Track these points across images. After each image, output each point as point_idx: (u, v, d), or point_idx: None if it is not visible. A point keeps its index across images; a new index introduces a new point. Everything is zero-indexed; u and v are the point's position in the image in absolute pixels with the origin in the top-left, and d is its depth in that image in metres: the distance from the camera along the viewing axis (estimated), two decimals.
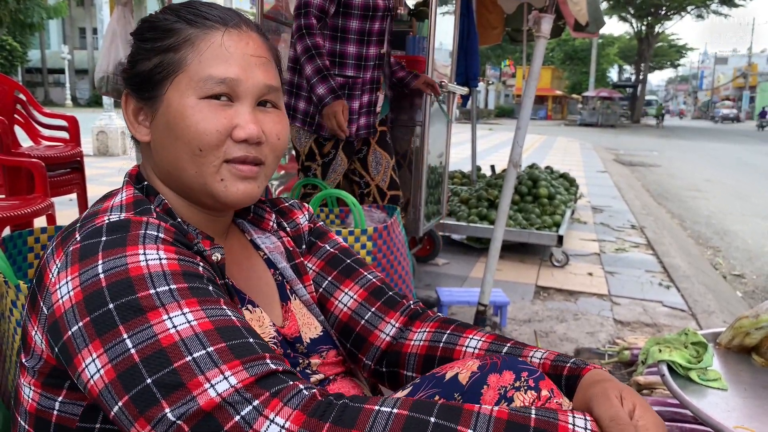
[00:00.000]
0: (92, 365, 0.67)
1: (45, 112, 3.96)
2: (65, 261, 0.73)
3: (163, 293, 0.70)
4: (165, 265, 0.72)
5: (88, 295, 0.69)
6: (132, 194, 0.84)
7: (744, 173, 11.79)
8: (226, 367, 0.66)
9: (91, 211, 0.82)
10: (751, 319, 1.36)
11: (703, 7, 34.43)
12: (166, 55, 0.84)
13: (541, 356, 0.89)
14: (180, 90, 0.83)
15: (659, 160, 13.95)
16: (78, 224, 0.78)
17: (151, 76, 0.85)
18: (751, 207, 7.73)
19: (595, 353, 2.58)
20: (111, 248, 0.72)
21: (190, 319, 0.69)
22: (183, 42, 0.84)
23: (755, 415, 1.13)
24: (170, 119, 0.84)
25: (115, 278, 0.70)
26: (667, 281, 3.82)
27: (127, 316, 0.68)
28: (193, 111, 0.83)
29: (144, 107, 0.87)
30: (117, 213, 0.79)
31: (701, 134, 28.46)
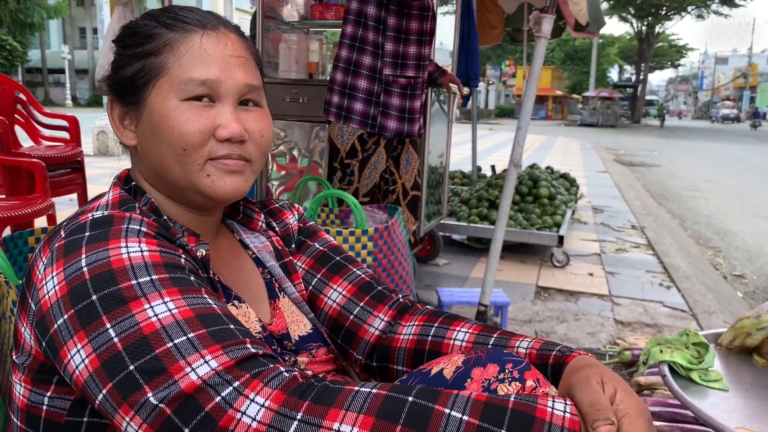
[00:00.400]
0: (77, 356, 0.69)
1: (45, 112, 3.96)
2: (51, 257, 0.75)
3: (145, 284, 0.71)
4: (146, 256, 0.74)
5: (72, 288, 0.71)
6: (118, 194, 0.86)
7: (744, 173, 11.79)
8: (207, 351, 0.67)
9: (78, 211, 0.84)
10: (752, 319, 1.36)
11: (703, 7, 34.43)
12: (147, 60, 0.86)
13: (527, 345, 0.88)
14: (162, 93, 0.85)
15: (659, 160, 13.95)
16: (64, 223, 0.80)
17: (134, 81, 0.87)
18: (751, 207, 7.73)
19: (595, 353, 2.58)
20: (94, 242, 0.74)
21: (171, 308, 0.70)
22: (163, 46, 0.86)
23: (756, 416, 1.12)
24: (154, 122, 0.85)
25: (98, 271, 0.72)
26: (667, 281, 3.82)
27: (110, 307, 0.69)
28: (176, 113, 0.84)
29: (129, 112, 0.89)
30: (102, 211, 0.81)
31: (701, 134, 28.45)
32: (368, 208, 2.49)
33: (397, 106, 2.56)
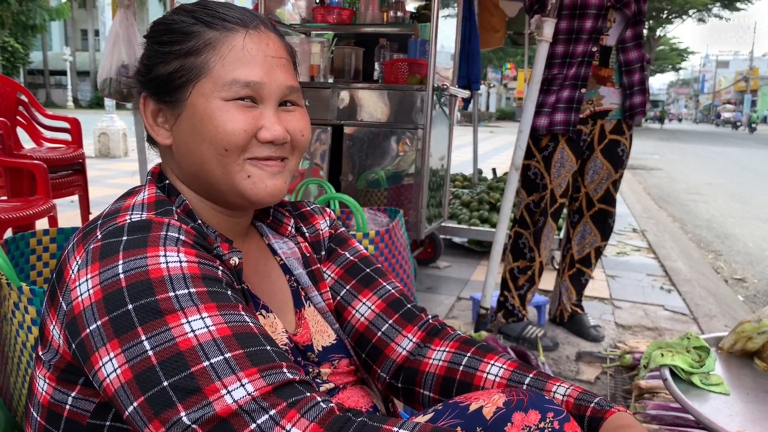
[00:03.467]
0: (109, 364, 0.68)
1: (47, 114, 3.97)
2: (86, 258, 0.73)
3: (183, 296, 0.70)
4: (185, 267, 0.72)
5: (108, 295, 0.69)
6: (154, 193, 0.84)
7: (745, 177, 11.79)
8: (244, 374, 0.66)
9: (112, 208, 0.82)
10: (753, 323, 1.36)
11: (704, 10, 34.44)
12: (187, 60, 0.84)
13: (564, 392, 0.87)
14: (205, 94, 0.83)
15: (660, 164, 13.95)
16: (99, 221, 0.78)
17: (171, 80, 0.84)
18: (752, 210, 7.73)
19: (596, 357, 2.58)
20: (132, 248, 0.72)
21: (208, 324, 0.69)
22: (204, 46, 0.84)
23: (757, 420, 1.12)
24: (196, 122, 0.84)
25: (135, 279, 0.70)
26: (668, 285, 3.82)
27: (146, 318, 0.68)
28: (221, 113, 0.83)
29: (163, 110, 0.87)
30: (138, 212, 0.79)
31: (702, 138, 28.44)
32: (369, 211, 2.50)
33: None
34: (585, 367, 2.51)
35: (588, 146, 2.66)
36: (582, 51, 2.49)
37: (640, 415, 1.89)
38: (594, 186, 2.72)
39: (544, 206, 2.67)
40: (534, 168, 2.65)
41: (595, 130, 2.64)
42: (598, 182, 2.71)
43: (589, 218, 2.78)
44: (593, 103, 2.59)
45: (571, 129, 2.55)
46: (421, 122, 3.19)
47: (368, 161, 3.35)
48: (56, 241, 1.84)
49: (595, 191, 2.73)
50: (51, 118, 3.97)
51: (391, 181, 3.36)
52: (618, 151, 2.68)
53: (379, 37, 3.67)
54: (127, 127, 10.10)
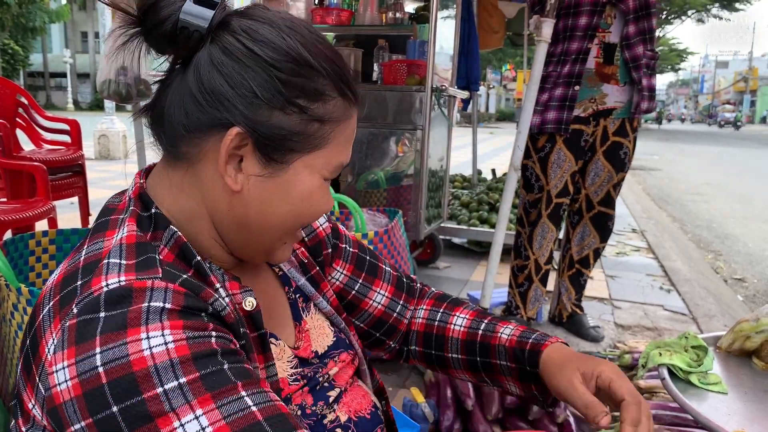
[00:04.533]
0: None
1: (47, 116, 3.97)
2: (62, 338, 0.63)
3: (172, 392, 0.61)
4: (172, 350, 0.62)
5: (88, 392, 0.61)
6: (134, 231, 0.72)
7: (744, 177, 11.79)
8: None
9: (90, 253, 0.71)
10: (751, 322, 1.36)
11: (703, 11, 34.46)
12: (311, 125, 0.73)
13: (509, 333, 0.98)
14: (313, 168, 0.75)
15: (660, 164, 13.96)
16: (79, 282, 0.67)
17: (286, 138, 0.72)
18: (752, 211, 7.73)
19: (596, 357, 2.58)
20: (110, 331, 0.62)
21: (204, 425, 0.61)
22: (331, 116, 0.74)
23: (756, 419, 1.12)
24: (291, 192, 0.75)
25: (117, 374, 0.60)
26: (668, 285, 3.82)
27: (134, 424, 0.60)
28: (320, 192, 0.77)
29: (250, 157, 0.73)
30: (116, 263, 0.68)
31: (702, 138, 28.45)
32: (368, 212, 2.50)
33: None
34: None
35: (590, 147, 2.65)
36: (577, 48, 2.49)
37: None
38: (594, 188, 2.72)
39: (540, 206, 2.67)
40: (530, 168, 2.66)
41: (598, 131, 2.63)
42: (599, 185, 2.71)
43: (588, 220, 2.79)
44: (596, 101, 2.58)
45: (564, 128, 2.54)
46: (420, 123, 3.20)
47: (367, 162, 3.36)
48: (55, 242, 1.85)
49: (595, 193, 2.73)
50: (50, 120, 3.98)
51: (391, 181, 3.37)
52: (620, 154, 2.67)
53: (378, 38, 3.67)
54: (127, 128, 10.11)
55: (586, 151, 2.65)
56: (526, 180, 2.69)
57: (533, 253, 2.74)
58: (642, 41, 2.51)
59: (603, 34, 2.51)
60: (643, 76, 2.52)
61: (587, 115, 2.58)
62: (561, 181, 2.63)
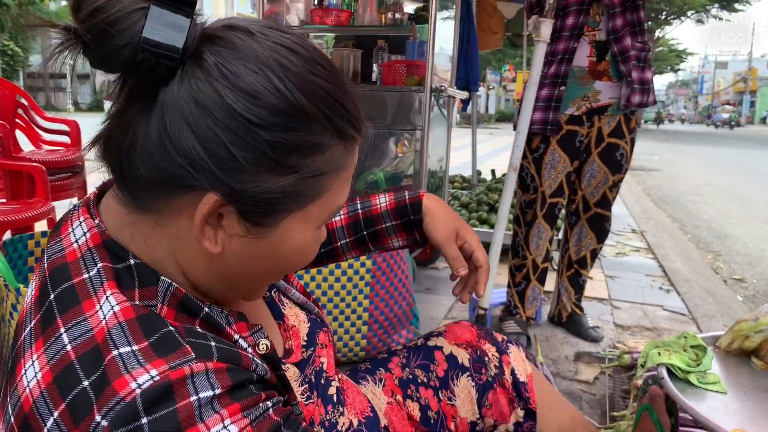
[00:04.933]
0: None
1: (46, 117, 3.97)
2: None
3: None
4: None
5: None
6: (125, 301, 0.58)
7: (744, 177, 11.79)
8: None
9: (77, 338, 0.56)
10: (750, 322, 1.36)
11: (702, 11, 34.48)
12: (305, 182, 0.61)
13: (385, 200, 1.07)
14: (307, 222, 0.65)
15: (659, 165, 13.96)
16: (86, 382, 0.53)
17: (274, 201, 0.60)
18: (752, 211, 7.73)
19: (595, 357, 2.58)
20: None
21: None
22: (330, 165, 0.62)
23: (754, 418, 1.12)
24: (284, 250, 0.65)
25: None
26: (667, 285, 3.82)
27: None
28: (310, 244, 0.67)
29: (230, 216, 0.61)
30: (130, 354, 0.54)
31: (701, 138, 28.46)
32: None
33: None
34: (584, 367, 2.51)
35: (585, 148, 2.65)
36: (563, 49, 2.49)
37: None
38: (591, 190, 2.72)
39: (536, 207, 2.68)
40: (525, 168, 2.67)
41: (593, 132, 2.62)
42: (594, 186, 2.71)
43: (585, 221, 2.79)
44: (589, 99, 2.57)
45: (550, 128, 2.55)
46: (419, 123, 3.20)
47: (367, 162, 3.36)
48: None
49: (591, 195, 2.73)
50: (50, 120, 3.98)
51: (390, 182, 3.37)
52: (616, 156, 2.66)
53: (378, 39, 3.67)
54: None
55: (581, 152, 2.65)
56: (521, 180, 2.70)
57: (530, 253, 2.74)
58: (631, 33, 2.49)
59: (593, 32, 2.51)
60: (633, 68, 2.49)
61: (581, 113, 2.58)
62: (555, 182, 2.63)
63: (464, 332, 1.20)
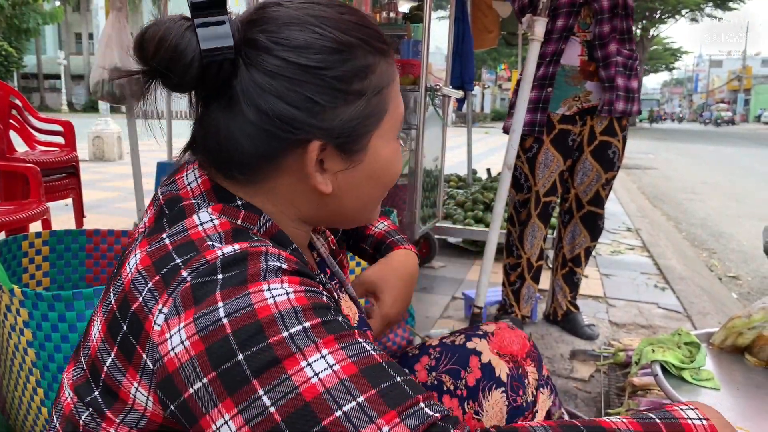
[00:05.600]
0: (225, 428, 0.59)
1: (40, 117, 3.96)
2: (174, 305, 0.62)
3: (298, 334, 0.60)
4: (293, 300, 0.62)
5: (211, 345, 0.59)
6: (227, 220, 0.69)
7: (739, 175, 11.83)
8: (383, 420, 0.57)
9: (177, 237, 0.67)
10: (743, 319, 1.37)
11: (697, 10, 34.58)
12: (373, 100, 0.73)
13: (382, 227, 1.13)
14: (385, 136, 0.76)
15: (655, 163, 13.99)
16: (178, 260, 0.65)
17: (358, 125, 0.72)
18: (747, 209, 7.76)
19: (590, 355, 2.59)
20: (231, 286, 0.61)
21: (331, 363, 0.59)
22: (383, 79, 0.74)
23: (748, 415, 1.13)
24: (377, 169, 0.76)
25: (241, 322, 0.59)
26: (662, 283, 3.83)
27: (261, 368, 0.58)
28: (397, 154, 0.78)
29: (330, 157, 0.73)
30: (219, 243, 0.66)
31: (697, 137, 28.55)
32: None
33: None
34: (579, 365, 2.52)
35: (578, 147, 2.66)
36: (552, 50, 2.50)
37: (633, 411, 1.89)
38: (583, 188, 2.72)
39: (530, 206, 2.68)
40: (519, 168, 2.67)
41: (585, 131, 2.63)
42: (587, 184, 2.71)
43: (578, 219, 2.79)
44: (580, 99, 2.58)
45: (537, 129, 2.56)
46: (414, 122, 3.20)
47: None
48: (48, 243, 1.84)
49: (584, 193, 2.73)
50: (44, 121, 3.97)
51: None
52: (609, 154, 2.66)
53: None
54: (121, 130, 10.09)
55: (573, 151, 2.66)
56: (515, 180, 2.70)
57: (525, 252, 2.75)
58: (619, 41, 2.50)
59: (584, 33, 2.52)
60: (617, 75, 2.49)
61: (572, 113, 2.58)
62: (549, 181, 2.64)
63: (514, 342, 1.07)
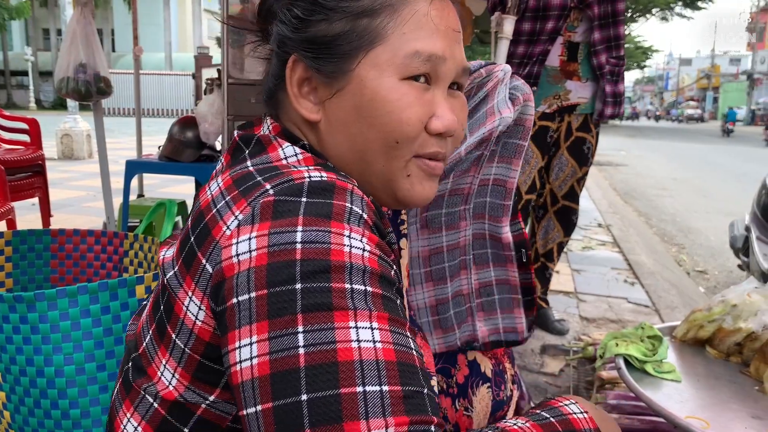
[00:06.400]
0: (247, 349, 0.55)
1: (5, 115, 3.88)
2: (251, 214, 0.60)
3: (358, 293, 0.57)
4: (367, 258, 0.59)
5: (275, 263, 0.56)
6: (309, 155, 0.70)
7: (708, 172, 12.07)
8: (393, 420, 0.53)
9: (260, 163, 0.68)
10: (704, 312, 1.39)
11: (667, 9, 35.13)
12: (359, 21, 0.69)
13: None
14: (378, 67, 0.69)
15: (627, 160, 14.20)
16: (258, 176, 0.64)
17: (338, 43, 0.70)
18: (715, 204, 7.91)
19: (560, 350, 2.62)
20: (314, 215, 0.59)
21: (376, 338, 0.55)
22: (382, 6, 0.69)
23: (707, 405, 1.16)
24: (364, 102, 0.70)
25: (313, 254, 0.57)
26: (632, 278, 3.89)
27: (311, 306, 0.55)
28: (397, 95, 0.69)
29: (314, 78, 0.73)
30: (305, 169, 0.65)
31: (668, 134, 29.05)
32: None
33: None
34: (549, 360, 2.55)
35: (555, 143, 2.69)
36: (539, 51, 2.53)
37: (601, 405, 1.93)
38: (559, 183, 2.76)
39: None
40: None
41: (563, 127, 2.67)
42: (563, 179, 2.75)
43: (552, 214, 2.82)
44: (560, 98, 2.62)
45: None
46: None
47: None
48: (11, 243, 1.81)
49: (559, 188, 2.77)
50: (9, 119, 3.88)
51: None
52: (583, 149, 2.71)
53: None
54: (90, 128, 9.93)
55: (551, 147, 2.69)
56: None
57: None
58: (606, 48, 2.56)
59: (569, 34, 2.56)
60: (606, 82, 2.57)
61: (552, 111, 2.62)
62: (529, 178, 2.66)
63: None
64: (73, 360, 1.24)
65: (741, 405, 1.15)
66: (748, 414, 1.11)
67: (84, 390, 1.25)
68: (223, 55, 3.09)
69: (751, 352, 1.30)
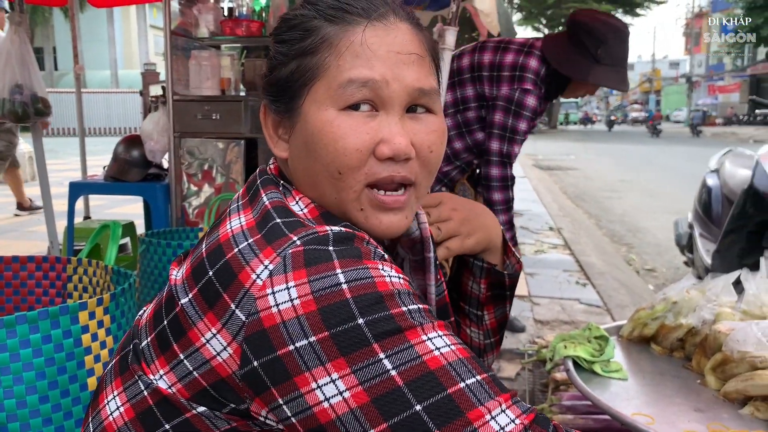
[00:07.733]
0: (330, 386, 0.59)
1: None
2: (282, 264, 0.63)
3: (414, 312, 0.63)
4: (403, 284, 0.65)
5: (327, 306, 0.61)
6: (315, 208, 0.74)
7: (653, 172, 12.46)
8: (501, 398, 0.60)
9: (276, 222, 0.69)
10: (647, 310, 1.43)
11: None
12: (303, 60, 0.73)
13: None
14: (317, 100, 0.72)
15: (576, 164, 14.54)
16: (285, 228, 0.67)
17: (288, 84, 0.75)
18: (661, 203, 8.17)
19: (516, 353, 2.65)
20: (348, 258, 0.64)
21: (448, 343, 0.62)
22: (321, 43, 0.73)
23: (652, 401, 1.18)
24: (308, 136, 0.73)
25: (362, 290, 0.62)
26: (583, 279, 3.97)
27: (382, 334, 0.60)
28: (332, 126, 0.71)
29: (282, 120, 0.78)
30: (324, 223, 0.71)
31: (615, 137, 29.87)
32: None
33: None
34: (505, 363, 2.57)
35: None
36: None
37: (557, 406, 1.95)
38: None
39: None
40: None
41: None
42: None
43: None
44: None
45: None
46: None
47: None
48: None
49: None
50: None
51: None
52: None
53: None
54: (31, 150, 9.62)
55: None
56: None
57: None
58: (458, 135, 2.71)
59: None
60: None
61: None
62: None
63: None
64: (13, 393, 1.20)
65: (684, 399, 1.18)
66: (690, 407, 1.14)
67: (26, 424, 1.20)
68: (167, 71, 3.04)
69: (692, 346, 1.34)
